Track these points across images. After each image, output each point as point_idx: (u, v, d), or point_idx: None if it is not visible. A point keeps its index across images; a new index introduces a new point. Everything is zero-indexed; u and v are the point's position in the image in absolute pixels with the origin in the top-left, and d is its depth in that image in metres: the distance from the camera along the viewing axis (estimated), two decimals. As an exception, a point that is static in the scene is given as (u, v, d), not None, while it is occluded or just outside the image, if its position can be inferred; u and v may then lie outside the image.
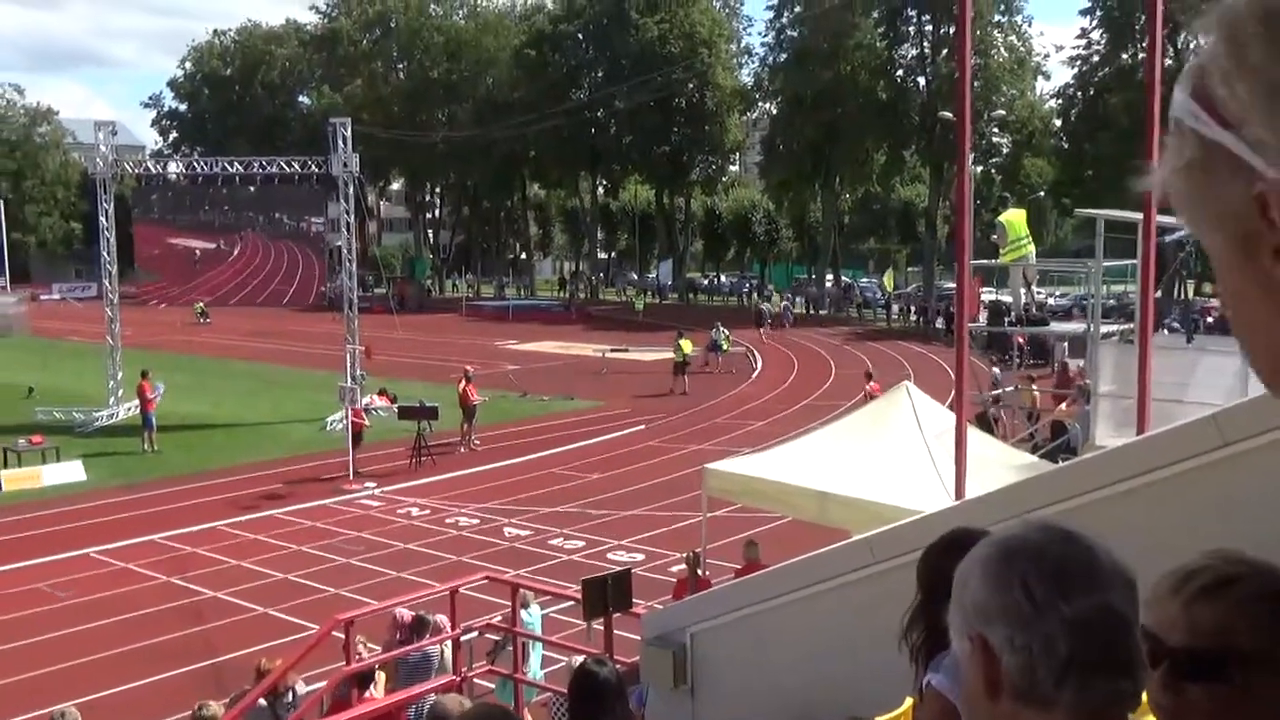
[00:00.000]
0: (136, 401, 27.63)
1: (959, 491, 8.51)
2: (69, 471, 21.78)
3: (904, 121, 57.53)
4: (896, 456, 10.94)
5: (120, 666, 12.38)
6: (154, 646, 12.95)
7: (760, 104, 68.66)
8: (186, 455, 24.14)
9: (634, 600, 8.04)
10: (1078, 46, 55.35)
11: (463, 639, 9.42)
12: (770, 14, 62.35)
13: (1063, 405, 19.05)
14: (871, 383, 24.94)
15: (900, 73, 59.74)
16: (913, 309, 54.43)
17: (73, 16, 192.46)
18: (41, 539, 17.74)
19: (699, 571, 11.36)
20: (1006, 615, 1.21)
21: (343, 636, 8.75)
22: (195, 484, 21.43)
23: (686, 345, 33.02)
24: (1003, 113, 52.63)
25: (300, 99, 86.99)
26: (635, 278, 79.38)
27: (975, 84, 45.71)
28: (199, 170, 30.26)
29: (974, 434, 10.74)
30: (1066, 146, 57.23)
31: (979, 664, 1.23)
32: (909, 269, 75.64)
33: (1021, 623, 1.20)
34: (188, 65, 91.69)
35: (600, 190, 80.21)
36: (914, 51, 59.71)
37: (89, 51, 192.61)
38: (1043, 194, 58.59)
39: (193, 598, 14.79)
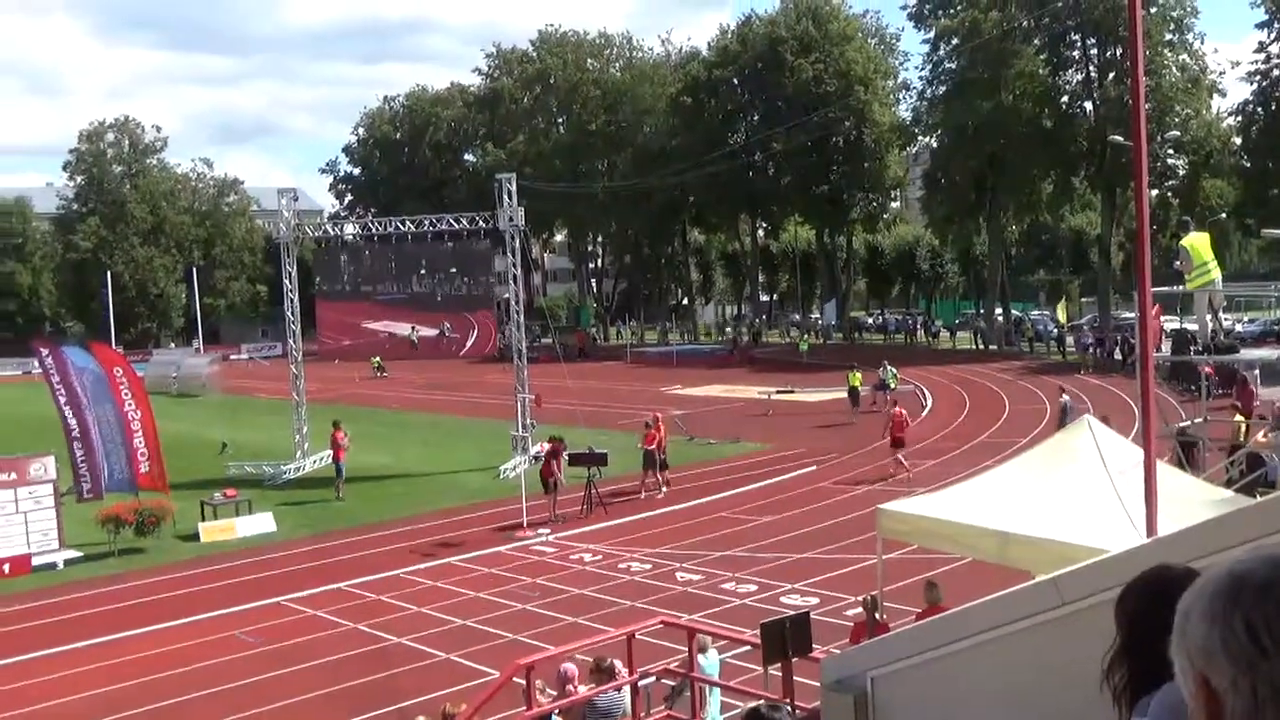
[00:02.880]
0: (323, 454, 28.92)
1: (1150, 529, 8.14)
2: (261, 523, 22.82)
3: (1070, 148, 55.85)
4: (1080, 494, 10.53)
5: (309, 712, 12.82)
6: (341, 692, 13.35)
7: (920, 138, 67.71)
8: (368, 505, 25.01)
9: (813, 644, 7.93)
10: (1255, 61, 52.97)
11: (640, 684, 9.44)
12: (926, 47, 61.63)
13: (1260, 436, 18.05)
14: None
15: (1065, 99, 58.08)
16: (1090, 341, 52.50)
17: (253, 92, 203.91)
18: (236, 588, 18.58)
19: (877, 615, 11.13)
20: (1229, 656, 1.13)
21: (523, 682, 8.89)
22: (377, 533, 22.17)
23: (855, 378, 34.82)
24: (1177, 134, 50.52)
25: (466, 157, 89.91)
26: (798, 319, 78.94)
27: (1147, 105, 44.13)
28: (374, 230, 31.49)
29: (1164, 469, 10.27)
30: (1248, 165, 54.55)
31: (1201, 706, 1.17)
32: (1082, 299, 73.15)
33: (1245, 664, 1.13)
34: (360, 131, 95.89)
35: (760, 232, 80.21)
36: (1079, 76, 58.03)
37: (268, 123, 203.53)
38: (1224, 215, 55.97)
39: (378, 643, 15.23)
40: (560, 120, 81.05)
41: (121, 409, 22.85)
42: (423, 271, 32.09)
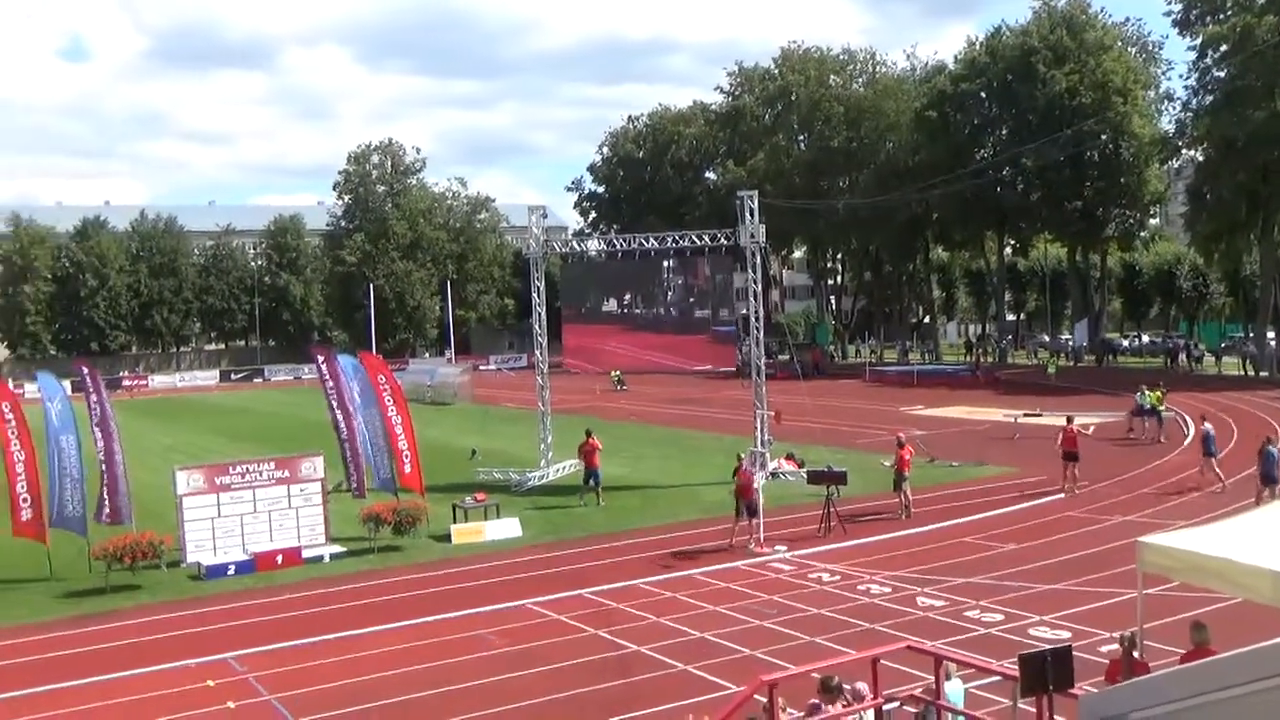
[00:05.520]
0: (567, 462, 29.89)
1: None
2: (508, 528, 23.71)
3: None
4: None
5: (548, 714, 13.17)
6: (581, 697, 13.68)
7: (1184, 151, 63.96)
8: (608, 514, 25.59)
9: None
10: None
11: (884, 708, 9.30)
12: (1193, 55, 58.16)
13: None
14: None
15: (1352, 104, 53.62)
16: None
17: (502, 114, 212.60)
18: (484, 589, 19.35)
19: (1135, 653, 10.56)
20: None
21: (764, 699, 8.91)
22: (617, 542, 22.65)
23: (1154, 397, 33.96)
24: None
25: (706, 175, 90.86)
26: (1047, 339, 75.90)
27: None
28: (617, 246, 32.21)
29: None
30: None
31: None
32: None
33: None
34: (604, 150, 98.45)
35: (1007, 250, 77.62)
36: (1370, 80, 53.47)
37: (516, 143, 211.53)
38: None
39: (617, 651, 15.53)
40: (801, 137, 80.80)
41: (385, 414, 24.25)
42: (664, 286, 32.61)
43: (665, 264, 31.81)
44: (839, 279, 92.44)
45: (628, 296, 33.24)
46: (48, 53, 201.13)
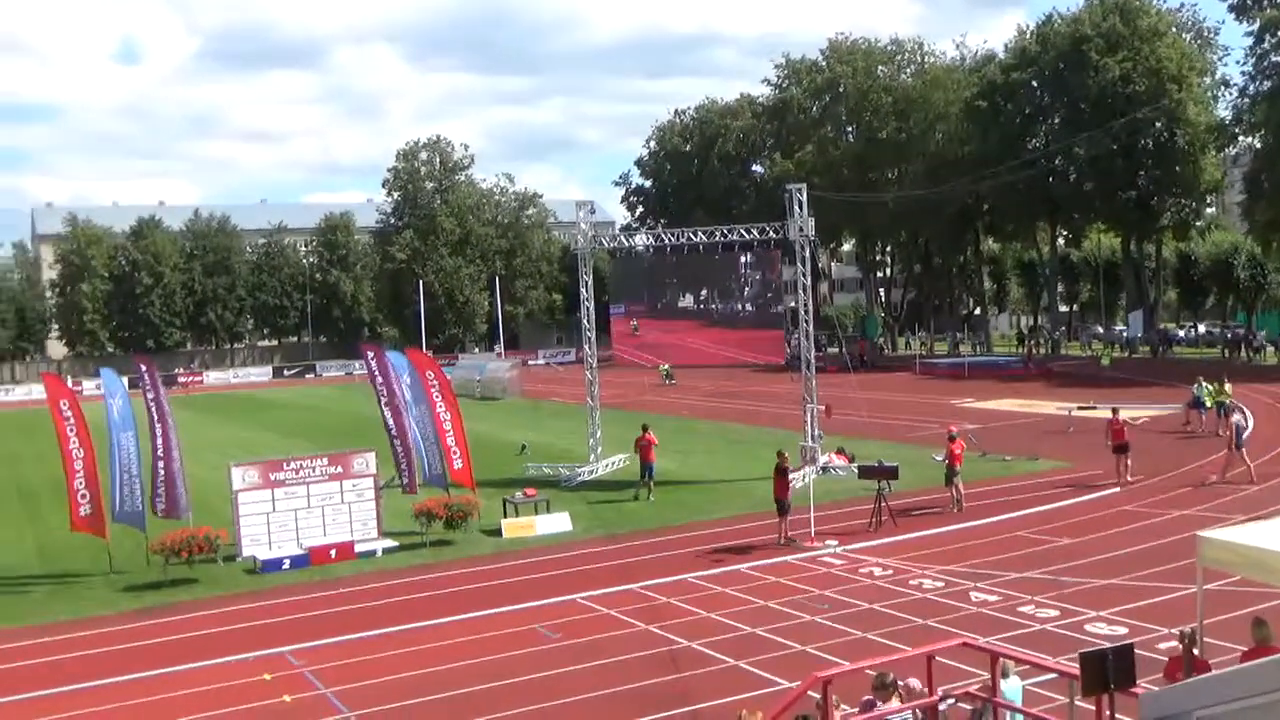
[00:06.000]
0: (617, 457, 29.96)
1: None
2: (558, 522, 23.78)
3: None
4: None
5: (601, 709, 13.21)
6: (632, 691, 13.70)
7: (1240, 138, 62.78)
8: (658, 509, 25.62)
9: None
10: None
11: (939, 705, 9.23)
12: (1250, 40, 57.05)
13: None
14: None
15: None
16: None
17: (548, 110, 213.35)
18: (535, 583, 19.45)
19: (1195, 650, 10.40)
20: None
21: (818, 696, 8.87)
22: (667, 536, 22.66)
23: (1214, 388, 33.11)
24: None
25: (754, 168, 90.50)
26: (1100, 331, 74.90)
27: None
28: (666, 241, 32.19)
29: None
30: None
31: None
32: None
33: None
34: (651, 144, 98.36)
35: (1060, 240, 76.68)
36: None
37: (562, 138, 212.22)
38: None
39: (668, 646, 15.53)
40: (849, 129, 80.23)
41: (434, 410, 24.42)
42: (711, 281, 32.53)
43: (712, 258, 31.69)
44: (888, 271, 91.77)
45: (675, 291, 33.17)
46: (102, 56, 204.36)
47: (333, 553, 21.65)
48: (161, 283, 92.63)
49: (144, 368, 23.91)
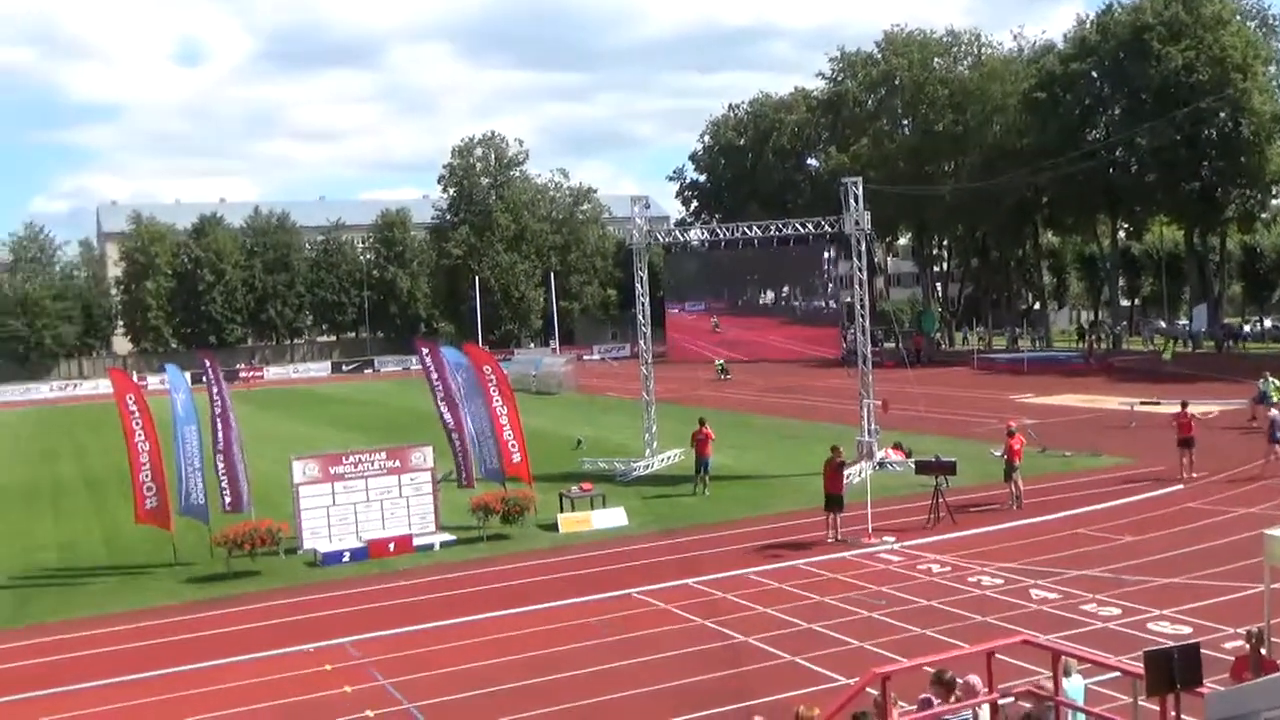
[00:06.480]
0: (672, 452, 29.99)
1: None
2: (614, 517, 23.86)
3: None
4: None
5: (657, 703, 13.20)
6: (689, 686, 13.69)
7: (1310, 127, 61.42)
8: (713, 504, 25.60)
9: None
10: None
11: (999, 703, 9.14)
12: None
13: None
14: None
15: None
16: None
17: (602, 105, 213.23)
18: (591, 578, 19.51)
19: (1262, 650, 10.22)
20: None
21: (875, 692, 8.83)
22: (723, 532, 22.64)
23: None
24: None
25: (808, 162, 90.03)
26: (1163, 325, 73.71)
27: None
28: (720, 236, 32.10)
29: None
30: None
31: None
32: None
33: None
34: (705, 138, 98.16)
35: (1121, 233, 75.50)
36: None
37: (616, 134, 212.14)
38: None
39: (724, 641, 15.53)
40: (905, 122, 79.55)
41: (490, 404, 24.57)
42: (767, 276, 32.41)
43: (767, 252, 31.52)
44: (945, 265, 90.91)
45: (731, 286, 33.06)
46: (163, 58, 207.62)
47: (391, 546, 21.88)
48: (223, 279, 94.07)
49: (207, 363, 24.31)
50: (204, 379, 23.93)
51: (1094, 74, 66.40)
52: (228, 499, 22.56)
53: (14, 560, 23.42)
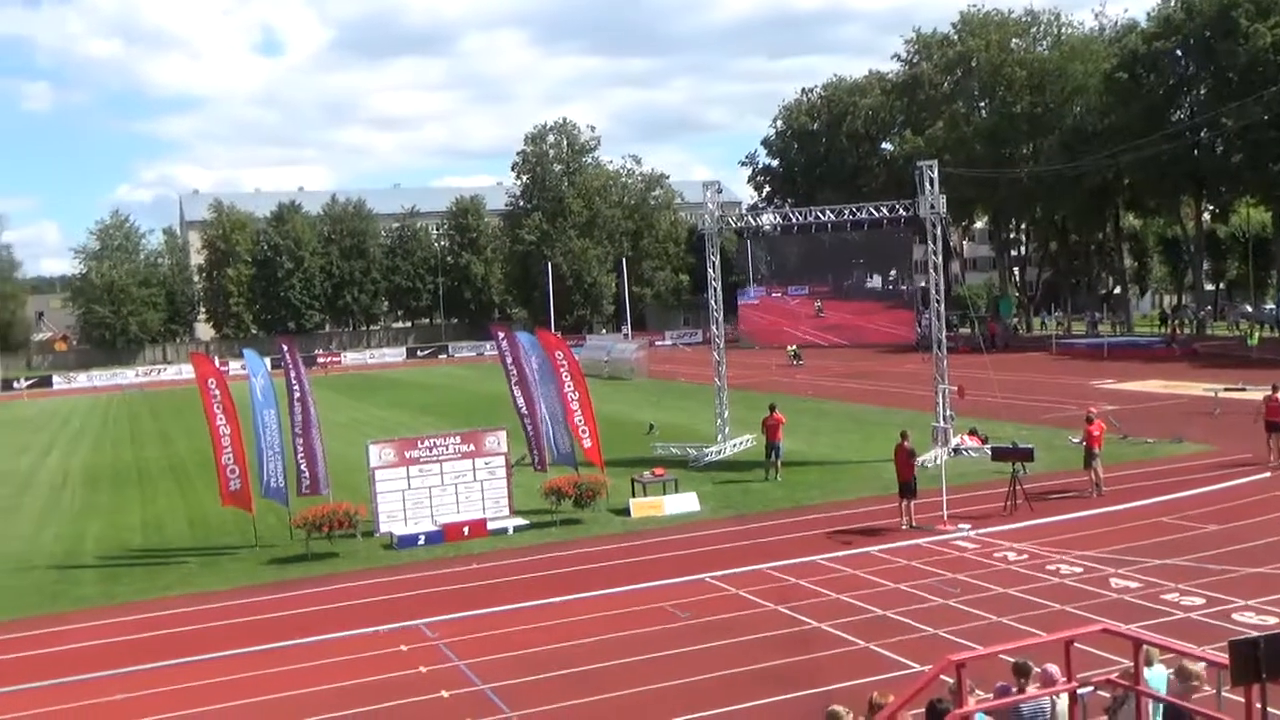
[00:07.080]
0: (744, 438, 29.93)
1: None
2: (686, 502, 23.87)
3: None
4: None
5: (730, 687, 13.21)
6: (762, 671, 13.69)
7: None
8: (786, 490, 25.50)
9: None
10: None
11: (1079, 692, 8.99)
12: None
13: None
14: None
15: None
16: None
17: (673, 91, 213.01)
18: (664, 562, 19.55)
19: (1352, 642, 9.92)
20: None
21: (951, 680, 8.73)
22: (795, 517, 22.55)
23: None
24: None
25: (883, 145, 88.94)
26: (1249, 309, 71.76)
27: None
28: (794, 220, 31.86)
29: None
30: None
31: None
32: None
33: None
34: (778, 124, 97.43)
35: (1206, 215, 73.60)
36: None
37: (688, 119, 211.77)
38: None
39: (798, 627, 15.48)
40: (982, 104, 78.16)
41: (562, 390, 24.71)
42: (840, 260, 32.12)
43: (842, 237, 31.23)
44: (1022, 249, 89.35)
45: (804, 271, 32.82)
46: (243, 48, 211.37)
47: (466, 530, 22.12)
48: (301, 266, 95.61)
49: (285, 348, 24.73)
50: (282, 364, 24.36)
51: (1179, 53, 64.65)
52: (306, 481, 22.96)
53: (104, 540, 24.14)
